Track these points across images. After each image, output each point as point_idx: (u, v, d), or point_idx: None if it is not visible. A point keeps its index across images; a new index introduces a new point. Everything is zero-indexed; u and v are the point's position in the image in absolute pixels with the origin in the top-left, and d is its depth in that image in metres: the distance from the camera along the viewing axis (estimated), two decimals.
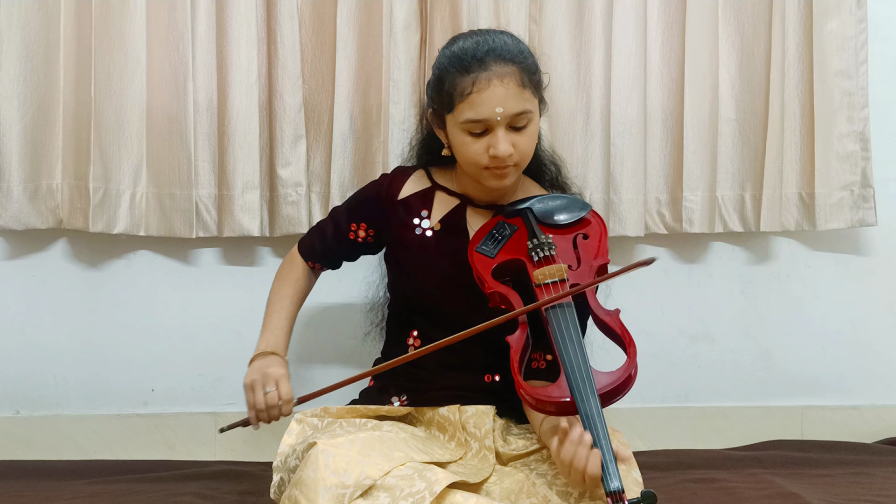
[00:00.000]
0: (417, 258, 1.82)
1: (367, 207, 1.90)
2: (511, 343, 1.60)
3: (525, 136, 1.73)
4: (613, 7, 2.27)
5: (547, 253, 1.71)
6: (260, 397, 1.73)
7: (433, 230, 1.83)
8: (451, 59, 1.73)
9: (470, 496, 1.48)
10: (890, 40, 2.42)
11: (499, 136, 1.70)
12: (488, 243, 1.76)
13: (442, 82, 1.74)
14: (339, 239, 1.93)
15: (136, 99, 2.18)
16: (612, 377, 1.54)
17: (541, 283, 1.65)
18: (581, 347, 1.56)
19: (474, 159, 1.73)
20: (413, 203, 1.86)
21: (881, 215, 2.37)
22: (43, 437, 2.29)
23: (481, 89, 1.68)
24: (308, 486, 1.46)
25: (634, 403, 2.35)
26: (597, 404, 1.49)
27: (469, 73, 1.69)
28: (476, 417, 1.73)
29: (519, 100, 1.70)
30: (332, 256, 1.96)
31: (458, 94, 1.70)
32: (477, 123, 1.70)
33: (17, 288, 2.29)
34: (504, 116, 1.69)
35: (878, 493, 1.95)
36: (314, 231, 1.99)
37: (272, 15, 2.22)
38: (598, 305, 1.65)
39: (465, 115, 1.70)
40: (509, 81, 1.69)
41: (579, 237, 1.76)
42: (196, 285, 2.32)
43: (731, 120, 2.34)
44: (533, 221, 1.77)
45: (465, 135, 1.72)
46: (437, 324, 1.76)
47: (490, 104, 1.68)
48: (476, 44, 1.72)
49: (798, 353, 2.44)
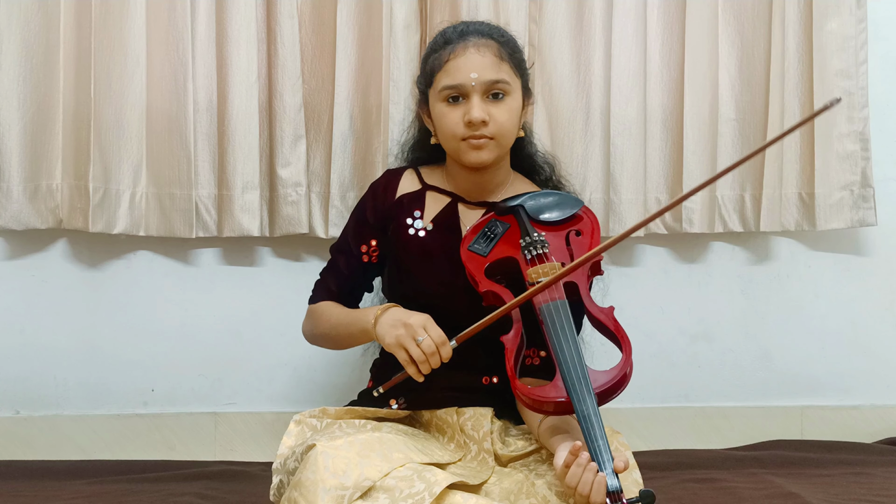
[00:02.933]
0: (413, 259, 1.81)
1: (368, 222, 1.87)
2: (506, 343, 1.60)
3: (502, 109, 1.73)
4: (613, 7, 2.27)
5: (540, 251, 1.70)
6: (415, 349, 1.61)
7: (426, 230, 1.83)
8: (436, 38, 1.81)
9: (469, 496, 1.48)
10: (890, 40, 2.42)
11: (473, 101, 1.71)
12: (480, 241, 1.75)
13: (426, 62, 1.80)
14: (354, 267, 1.87)
15: (136, 99, 2.18)
16: (608, 375, 1.54)
17: (534, 281, 1.65)
18: (577, 346, 1.56)
19: (451, 130, 1.74)
20: (406, 203, 1.85)
21: (881, 215, 2.37)
22: (43, 437, 2.29)
23: (457, 55, 1.73)
24: (307, 488, 1.46)
25: (634, 403, 2.35)
26: (593, 403, 1.50)
27: (448, 44, 1.75)
28: (474, 419, 1.72)
29: (495, 69, 1.73)
30: (353, 291, 1.90)
31: (438, 65, 1.75)
32: (452, 89, 1.73)
33: (17, 288, 2.29)
34: (479, 82, 1.71)
35: (878, 493, 1.95)
36: (324, 278, 1.91)
37: (272, 15, 2.22)
38: (591, 303, 1.65)
39: (442, 82, 1.74)
40: (486, 51, 1.73)
41: (572, 234, 1.76)
42: (196, 285, 2.32)
43: (731, 120, 2.34)
44: (525, 219, 1.77)
45: (444, 104, 1.75)
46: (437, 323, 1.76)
47: (465, 69, 1.72)
48: (457, 25, 1.81)
49: (798, 353, 2.44)
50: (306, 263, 2.33)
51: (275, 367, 2.33)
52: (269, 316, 2.32)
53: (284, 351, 2.32)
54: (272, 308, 2.32)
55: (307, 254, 2.34)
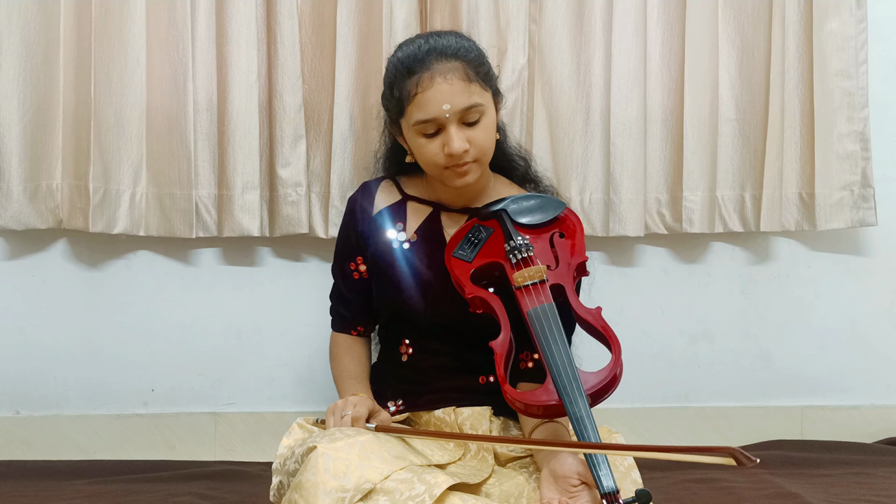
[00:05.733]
0: (399, 271, 1.80)
1: (350, 241, 1.87)
2: (495, 348, 1.60)
3: (480, 131, 1.71)
4: (613, 7, 2.27)
5: (525, 254, 1.69)
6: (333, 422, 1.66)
7: (410, 241, 1.82)
8: (396, 65, 1.73)
9: (469, 497, 1.48)
10: (890, 40, 2.42)
11: (451, 133, 1.68)
12: (465, 247, 1.74)
13: (391, 89, 1.74)
14: (351, 287, 1.89)
15: (136, 99, 2.18)
16: (599, 377, 1.54)
17: (520, 285, 1.64)
18: (566, 349, 1.56)
19: (433, 160, 1.72)
20: (386, 217, 1.84)
21: (881, 215, 2.37)
22: (43, 437, 2.29)
23: (425, 88, 1.67)
24: (308, 490, 1.46)
25: (634, 403, 2.35)
26: (585, 405, 1.50)
27: (413, 74, 1.69)
28: (473, 419, 1.73)
29: (466, 94, 1.68)
30: (361, 309, 1.90)
31: (406, 96, 1.69)
32: (427, 123, 1.69)
33: (17, 288, 2.29)
34: (453, 113, 1.67)
35: (878, 493, 1.95)
36: (334, 304, 1.94)
37: (272, 15, 2.22)
38: (578, 304, 1.64)
39: (414, 116, 1.69)
40: (453, 77, 1.68)
41: (556, 236, 1.75)
42: (196, 285, 2.32)
43: (731, 120, 2.33)
44: (508, 223, 1.76)
45: (420, 137, 1.71)
46: (427, 332, 1.77)
47: (436, 102, 1.67)
48: (418, 46, 1.72)
49: (798, 353, 2.44)
50: (306, 263, 2.33)
51: (275, 367, 2.33)
52: (270, 316, 2.33)
53: (284, 351, 2.33)
54: (272, 308, 2.33)
55: (307, 254, 2.34)
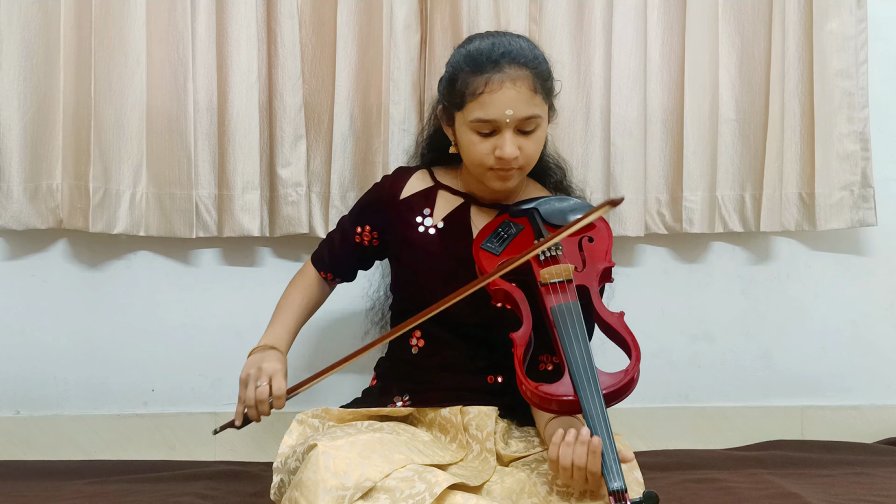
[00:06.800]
0: (420, 257, 1.81)
1: (369, 210, 1.91)
2: (515, 339, 1.60)
3: (532, 141, 1.73)
4: (613, 7, 2.27)
5: (553, 253, 1.71)
6: (251, 392, 1.74)
7: (436, 228, 1.83)
8: (466, 58, 1.74)
9: (470, 497, 1.48)
10: (890, 40, 2.42)
11: (506, 137, 1.70)
12: (493, 241, 1.76)
13: (454, 80, 1.75)
14: (347, 244, 1.93)
15: (136, 99, 2.18)
16: (616, 378, 1.54)
17: (547, 282, 1.65)
18: (587, 346, 1.56)
19: (480, 159, 1.74)
20: (415, 202, 1.86)
21: (881, 215, 2.37)
22: (43, 437, 2.29)
23: (493, 90, 1.69)
24: (308, 488, 1.46)
25: (634, 403, 2.33)
26: (601, 403, 1.50)
27: (482, 73, 1.70)
28: (478, 419, 1.72)
29: (529, 104, 1.70)
30: (343, 264, 1.97)
31: (470, 92, 1.71)
32: (486, 123, 1.71)
33: (17, 288, 2.29)
34: (513, 119, 1.69)
35: (878, 493, 1.95)
36: (324, 242, 2.00)
37: (272, 15, 2.22)
38: (602, 307, 1.65)
39: (474, 114, 1.71)
40: (521, 85, 1.69)
41: (585, 240, 1.76)
42: (196, 285, 2.32)
43: (731, 120, 2.33)
44: (539, 222, 1.77)
45: (473, 134, 1.73)
46: (441, 323, 1.76)
47: (501, 105, 1.68)
48: (492, 45, 1.73)
49: (798, 353, 2.44)
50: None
51: None
52: (269, 316, 2.32)
53: None
54: (272, 308, 2.30)
55: (307, 254, 2.32)
